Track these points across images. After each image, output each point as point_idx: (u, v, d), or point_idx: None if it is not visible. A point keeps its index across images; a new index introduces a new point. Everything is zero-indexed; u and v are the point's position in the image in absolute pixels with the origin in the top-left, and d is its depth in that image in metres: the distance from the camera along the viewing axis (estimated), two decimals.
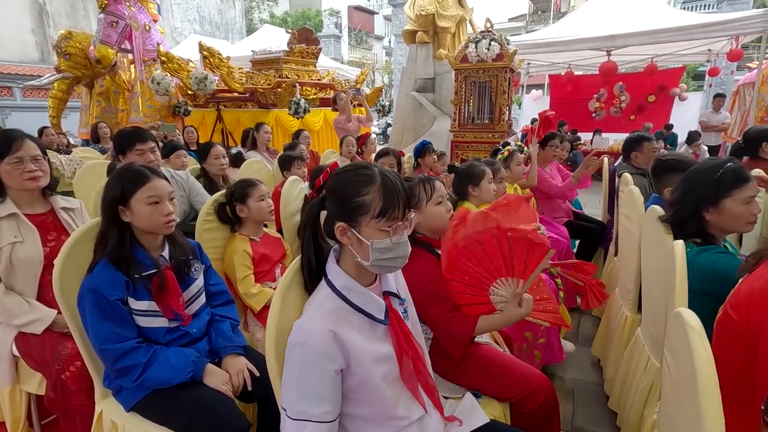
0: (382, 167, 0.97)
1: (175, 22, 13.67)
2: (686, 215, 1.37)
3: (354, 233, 0.93)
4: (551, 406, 1.33)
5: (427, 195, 1.41)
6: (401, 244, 0.93)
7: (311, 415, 0.89)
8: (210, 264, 1.52)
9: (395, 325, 1.00)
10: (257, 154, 4.01)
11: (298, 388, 0.89)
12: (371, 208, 0.91)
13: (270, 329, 0.90)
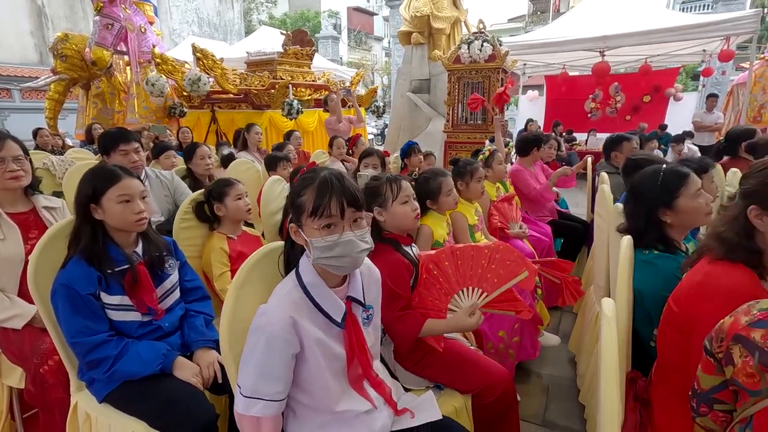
0: (330, 171, 1.00)
1: (174, 24, 13.74)
2: (642, 225, 1.39)
3: (301, 233, 0.98)
4: (510, 399, 1.37)
5: (393, 194, 1.45)
6: (344, 243, 0.95)
7: (264, 394, 0.94)
8: (185, 260, 1.56)
9: (350, 329, 1.04)
10: (248, 155, 4.05)
11: (254, 369, 0.94)
12: (306, 208, 0.96)
13: (225, 320, 0.94)
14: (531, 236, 2.86)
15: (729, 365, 0.77)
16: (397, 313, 1.33)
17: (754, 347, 0.72)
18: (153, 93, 5.69)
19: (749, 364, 0.72)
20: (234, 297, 0.97)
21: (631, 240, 1.19)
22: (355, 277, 1.08)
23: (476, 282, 1.35)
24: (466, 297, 1.36)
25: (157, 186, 2.30)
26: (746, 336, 0.74)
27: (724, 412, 0.83)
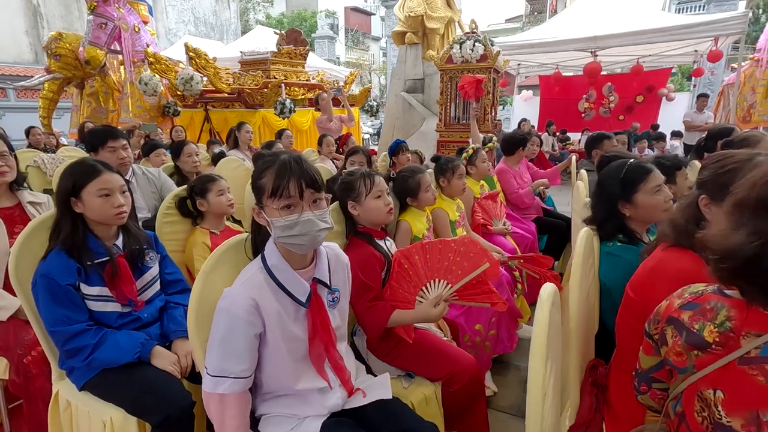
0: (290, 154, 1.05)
1: (170, 23, 13.75)
2: (603, 216, 1.44)
3: (263, 214, 1.03)
4: (476, 387, 1.42)
5: (366, 189, 1.49)
6: (303, 222, 0.99)
7: (230, 372, 0.99)
8: (166, 254, 1.60)
9: (315, 309, 1.09)
10: (239, 153, 4.09)
11: (219, 349, 0.99)
12: (266, 189, 1.00)
13: (192, 305, 0.99)
14: (515, 233, 2.91)
15: (663, 345, 0.81)
16: (367, 304, 1.37)
17: (683, 327, 0.76)
18: (146, 92, 5.72)
19: (678, 343, 0.77)
20: (201, 283, 1.01)
21: (588, 231, 1.24)
22: (321, 260, 1.13)
23: (442, 274, 1.41)
24: (433, 288, 1.41)
25: (144, 183, 2.33)
26: (677, 317, 0.78)
27: (661, 390, 0.88)
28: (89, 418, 1.31)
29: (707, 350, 0.71)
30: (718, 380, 0.69)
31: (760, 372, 0.65)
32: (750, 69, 6.75)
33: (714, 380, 0.70)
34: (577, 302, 1.06)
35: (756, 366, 0.65)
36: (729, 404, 0.67)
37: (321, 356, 1.10)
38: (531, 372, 0.66)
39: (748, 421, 0.64)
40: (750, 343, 0.66)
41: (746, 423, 0.64)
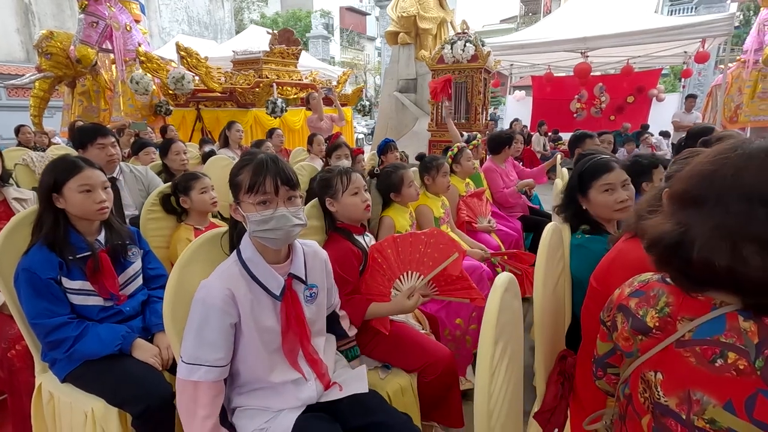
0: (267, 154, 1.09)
1: (163, 22, 13.72)
2: (566, 206, 1.51)
3: (239, 210, 1.07)
4: (451, 377, 1.46)
5: (343, 186, 1.53)
6: (278, 217, 1.04)
7: (205, 360, 1.03)
8: (149, 249, 1.63)
9: (289, 303, 1.12)
10: (229, 152, 4.11)
11: (195, 338, 1.02)
12: (243, 185, 1.05)
13: (167, 296, 1.02)
14: (499, 230, 2.96)
15: (614, 331, 0.85)
16: (344, 298, 1.41)
17: (630, 314, 0.80)
18: (138, 91, 5.72)
19: (625, 329, 0.81)
20: (177, 275, 1.04)
21: (554, 225, 1.28)
22: (297, 256, 1.16)
23: (414, 266, 1.45)
24: (407, 280, 1.46)
25: (132, 181, 2.36)
26: (626, 305, 0.82)
27: (614, 374, 0.92)
28: (71, 410, 1.34)
29: (649, 335, 0.75)
30: (659, 363, 0.73)
31: (692, 354, 0.68)
32: (737, 70, 6.84)
33: (655, 363, 0.74)
34: (542, 295, 1.10)
35: (689, 348, 0.69)
36: (666, 385, 0.71)
37: (294, 349, 1.13)
38: (480, 351, 0.70)
39: (681, 399, 0.68)
40: (684, 326, 0.70)
41: (680, 402, 0.68)
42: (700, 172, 0.70)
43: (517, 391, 0.96)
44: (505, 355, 0.79)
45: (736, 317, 0.66)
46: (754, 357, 0.63)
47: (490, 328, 0.70)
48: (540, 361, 1.22)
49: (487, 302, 0.76)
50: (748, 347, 0.64)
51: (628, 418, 0.80)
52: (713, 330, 0.67)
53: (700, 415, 0.65)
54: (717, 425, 0.64)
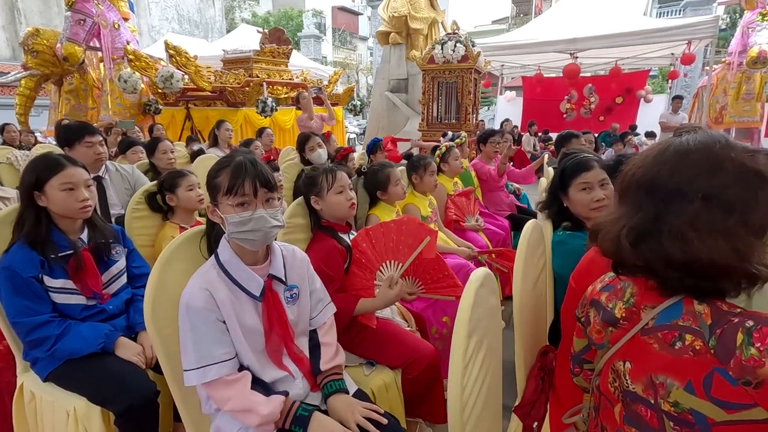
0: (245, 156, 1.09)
1: (153, 21, 13.59)
2: (550, 203, 1.54)
3: (218, 212, 1.07)
4: (434, 373, 1.48)
5: (328, 184, 1.54)
6: (257, 219, 1.05)
7: (213, 358, 1.02)
8: (133, 248, 1.62)
9: (269, 304, 1.13)
10: (218, 151, 4.10)
11: (194, 344, 1.02)
12: (222, 187, 1.05)
13: (148, 296, 1.02)
14: (487, 229, 2.98)
15: (588, 326, 0.88)
16: (332, 295, 1.41)
17: (600, 307, 0.83)
18: (126, 90, 5.67)
19: (597, 322, 0.83)
20: (158, 273, 1.04)
21: (535, 222, 1.30)
22: (275, 258, 1.17)
23: (391, 255, 1.48)
24: (387, 270, 1.49)
25: (118, 180, 2.34)
26: (598, 299, 0.85)
27: (590, 370, 0.94)
28: (53, 409, 1.33)
29: (617, 326, 0.78)
30: (627, 353, 0.76)
31: (655, 340, 0.71)
32: (722, 72, 6.97)
33: (624, 353, 0.77)
34: (521, 291, 1.11)
35: (652, 335, 0.72)
36: (634, 373, 0.73)
37: (279, 350, 1.14)
38: (453, 345, 0.71)
39: (646, 385, 0.71)
40: (647, 315, 0.73)
41: (645, 387, 0.71)
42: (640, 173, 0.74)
43: (495, 385, 0.98)
44: (480, 348, 0.80)
45: (692, 302, 0.69)
46: (708, 337, 0.66)
47: (463, 322, 0.72)
48: (520, 356, 1.23)
49: (461, 297, 0.77)
50: (702, 328, 0.66)
51: (602, 409, 0.82)
52: (672, 315, 0.70)
53: (665, 398, 0.68)
54: (680, 407, 0.66)
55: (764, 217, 0.64)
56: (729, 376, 0.62)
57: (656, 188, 0.69)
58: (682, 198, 0.66)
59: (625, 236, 0.71)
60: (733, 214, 0.63)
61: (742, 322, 0.63)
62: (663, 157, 0.70)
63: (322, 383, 1.18)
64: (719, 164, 0.65)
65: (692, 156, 0.67)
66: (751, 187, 0.64)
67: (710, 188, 0.64)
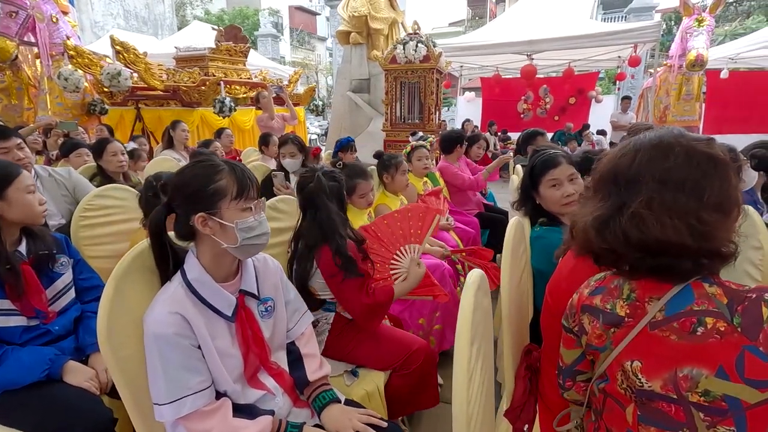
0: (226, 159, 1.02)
1: (96, 16, 12.72)
2: (522, 201, 1.55)
3: (216, 220, 0.96)
4: (431, 363, 1.47)
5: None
6: (263, 222, 1.00)
7: (188, 388, 0.92)
8: (80, 257, 1.46)
9: (243, 323, 1.03)
10: (175, 153, 3.86)
11: (165, 375, 0.91)
12: (228, 191, 0.95)
13: (102, 315, 0.89)
14: (457, 228, 2.98)
15: (583, 335, 0.85)
16: (368, 290, 1.40)
17: (598, 311, 0.80)
18: (67, 88, 5.24)
19: (597, 326, 0.80)
20: (114, 286, 0.92)
21: (517, 219, 1.29)
22: (247, 271, 1.08)
23: (404, 241, 1.52)
24: (406, 255, 1.52)
25: (52, 186, 2.11)
26: (590, 304, 0.82)
27: (584, 381, 0.91)
28: None
29: (621, 324, 0.75)
30: (635, 350, 0.73)
31: (671, 331, 0.69)
32: (664, 74, 7.41)
33: (631, 352, 0.74)
34: (508, 289, 1.08)
35: (666, 327, 0.69)
36: (647, 370, 0.71)
37: (256, 370, 1.06)
38: (456, 354, 0.66)
39: (666, 381, 0.68)
40: (654, 307, 0.71)
41: (664, 384, 0.68)
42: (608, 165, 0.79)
43: (489, 390, 0.94)
44: (479, 355, 0.75)
45: (701, 285, 0.69)
46: (730, 316, 0.64)
47: (466, 329, 0.67)
48: (508, 356, 1.20)
49: (461, 302, 0.72)
50: (721, 309, 0.65)
51: (606, 412, 0.79)
52: (684, 302, 0.69)
53: (693, 389, 0.66)
54: (712, 395, 0.64)
55: (720, 195, 0.68)
56: (760, 353, 0.62)
57: (619, 178, 0.75)
58: (640, 183, 0.71)
59: (591, 224, 0.76)
60: (685, 193, 0.68)
61: (761, 296, 0.63)
62: (624, 151, 0.76)
63: (311, 396, 1.10)
64: (670, 149, 0.70)
65: (648, 146, 0.73)
66: (701, 167, 0.68)
67: (663, 171, 0.70)
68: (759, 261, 1.29)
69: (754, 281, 1.31)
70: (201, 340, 0.96)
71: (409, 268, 1.51)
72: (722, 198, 0.68)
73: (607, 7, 20.63)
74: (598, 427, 0.83)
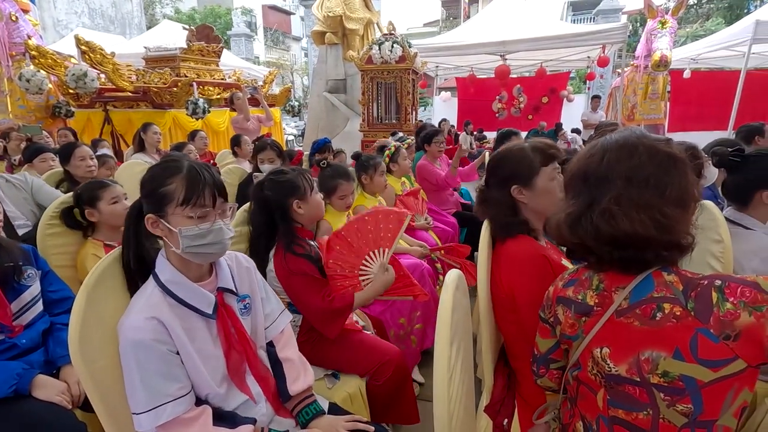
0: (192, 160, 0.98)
1: (59, 14, 12.20)
2: None
3: (164, 223, 0.94)
4: (403, 374, 1.44)
5: (309, 185, 1.47)
6: (215, 231, 0.95)
7: (166, 396, 0.90)
8: (49, 269, 1.41)
9: (225, 320, 1.02)
10: (146, 156, 3.76)
11: (143, 383, 0.89)
12: (175, 197, 0.93)
13: (73, 327, 0.87)
14: (436, 227, 3.01)
15: (557, 325, 0.88)
16: (327, 299, 1.37)
17: (571, 302, 0.84)
18: (29, 90, 5.02)
19: (569, 316, 0.84)
20: (85, 298, 0.89)
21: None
22: (222, 269, 1.06)
23: (374, 245, 1.46)
24: (375, 259, 1.46)
25: (11, 190, 2.04)
26: (564, 296, 0.86)
27: (557, 369, 0.96)
28: None
29: (591, 313, 0.80)
30: (603, 337, 0.78)
31: (634, 317, 0.74)
32: (631, 74, 7.68)
33: (600, 339, 0.78)
34: (486, 287, 1.11)
35: (630, 314, 0.74)
36: (615, 355, 0.75)
37: (240, 369, 1.03)
38: (436, 356, 0.67)
39: (630, 365, 0.73)
40: (619, 295, 0.76)
41: (629, 367, 0.73)
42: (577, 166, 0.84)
43: (469, 387, 0.96)
44: (459, 354, 0.77)
45: (661, 274, 0.74)
46: (685, 301, 0.69)
47: (445, 330, 0.68)
48: (487, 353, 1.22)
49: (440, 302, 0.74)
50: (677, 295, 0.71)
51: (580, 399, 0.83)
52: (645, 290, 0.74)
53: (653, 371, 0.70)
54: (670, 376, 0.69)
55: (680, 190, 0.73)
56: (711, 334, 0.66)
57: (589, 177, 0.79)
58: (608, 182, 0.76)
59: (564, 221, 0.80)
60: (650, 189, 0.73)
61: (711, 283, 0.68)
62: (593, 151, 0.81)
63: (296, 410, 1.09)
64: (634, 149, 0.75)
65: (614, 147, 0.78)
66: (662, 165, 0.74)
67: (629, 170, 0.74)
68: (720, 253, 1.36)
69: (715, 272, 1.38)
70: (179, 344, 0.94)
71: (378, 273, 1.45)
72: (682, 193, 0.73)
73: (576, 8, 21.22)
74: (573, 415, 0.86)
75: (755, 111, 7.83)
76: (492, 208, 1.22)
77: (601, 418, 0.78)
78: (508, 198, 1.20)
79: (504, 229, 1.18)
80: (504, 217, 1.18)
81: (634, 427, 0.73)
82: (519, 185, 1.18)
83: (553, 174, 1.18)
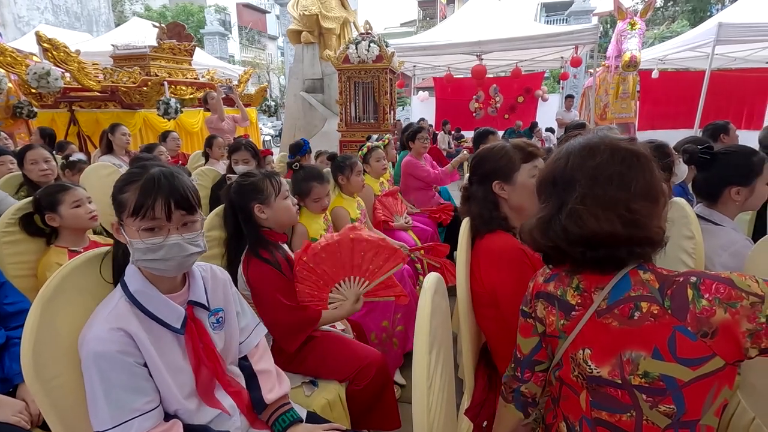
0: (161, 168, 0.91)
1: (20, 10, 11.64)
2: None
3: (122, 232, 0.89)
4: (384, 378, 1.42)
5: (275, 190, 1.41)
6: (169, 246, 0.88)
7: (132, 411, 0.85)
8: (5, 280, 1.33)
9: (193, 335, 0.97)
10: (114, 159, 3.61)
11: (107, 398, 0.83)
12: (127, 206, 0.88)
13: (26, 342, 0.80)
14: (415, 227, 3.00)
15: (539, 322, 0.87)
16: (293, 315, 1.34)
17: (553, 297, 0.83)
18: None
19: (552, 312, 0.83)
20: (40, 311, 0.83)
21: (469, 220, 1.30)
22: (195, 281, 1.01)
23: (356, 271, 1.42)
24: (349, 285, 1.42)
25: None
26: (545, 290, 0.85)
27: (542, 371, 0.93)
28: None
29: (572, 313, 0.79)
30: (585, 339, 0.77)
31: (613, 317, 0.73)
32: (603, 74, 7.87)
33: (582, 341, 0.77)
34: (465, 288, 1.09)
35: (609, 314, 0.74)
36: (596, 357, 0.74)
37: (210, 385, 0.99)
38: (415, 363, 0.65)
39: (613, 366, 0.72)
40: (599, 296, 0.75)
41: (612, 369, 0.72)
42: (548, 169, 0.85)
43: (450, 392, 0.94)
44: (439, 360, 0.75)
45: (637, 272, 0.73)
46: (661, 299, 0.69)
47: (423, 336, 0.65)
48: (467, 354, 1.21)
49: (418, 308, 0.71)
50: (653, 293, 0.70)
51: (562, 399, 0.82)
52: (623, 289, 0.73)
53: (634, 372, 0.69)
54: (650, 376, 0.68)
55: (646, 185, 0.74)
56: (689, 332, 0.66)
57: (557, 181, 0.80)
58: (574, 183, 0.76)
59: (536, 225, 0.81)
60: (614, 186, 0.73)
61: (687, 279, 0.68)
62: (558, 156, 0.82)
63: (271, 419, 1.04)
64: (597, 149, 0.77)
65: (578, 149, 0.79)
66: (625, 161, 0.75)
67: (592, 169, 0.75)
68: (692, 249, 1.39)
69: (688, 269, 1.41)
70: (147, 356, 0.89)
71: (349, 299, 1.42)
72: (648, 188, 0.74)
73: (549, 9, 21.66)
74: (555, 415, 0.85)
75: (719, 110, 8.16)
76: (475, 205, 1.25)
77: (585, 420, 0.77)
78: (490, 194, 1.25)
79: (485, 224, 1.21)
80: (486, 212, 1.22)
81: (617, 429, 0.72)
82: (500, 181, 1.24)
83: (533, 171, 1.23)
